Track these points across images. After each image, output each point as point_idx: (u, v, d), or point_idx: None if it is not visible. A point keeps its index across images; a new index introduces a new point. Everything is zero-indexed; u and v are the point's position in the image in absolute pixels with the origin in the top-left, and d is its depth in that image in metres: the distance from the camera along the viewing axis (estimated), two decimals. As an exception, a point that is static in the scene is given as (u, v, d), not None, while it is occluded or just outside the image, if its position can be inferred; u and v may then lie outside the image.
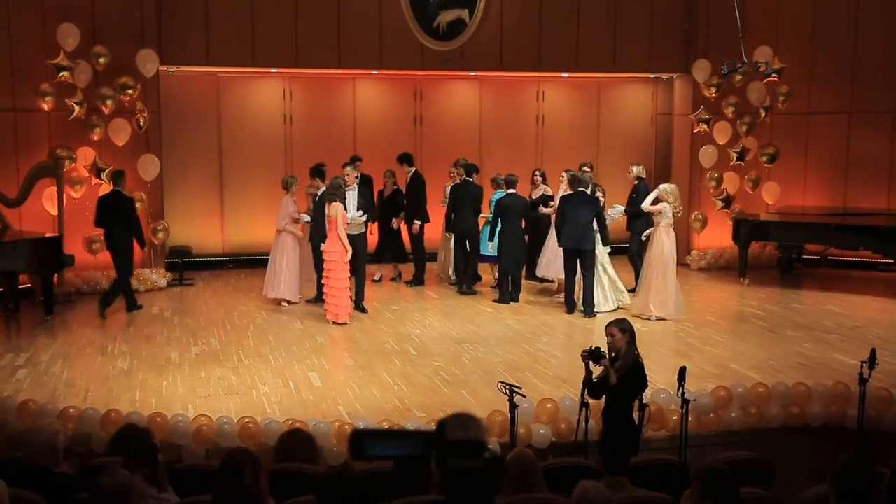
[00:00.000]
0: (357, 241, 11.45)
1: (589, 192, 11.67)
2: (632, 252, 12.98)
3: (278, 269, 12.18)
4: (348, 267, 11.22)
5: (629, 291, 12.09)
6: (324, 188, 11.79)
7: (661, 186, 11.68)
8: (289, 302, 12.22)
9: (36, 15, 12.58)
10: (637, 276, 12.31)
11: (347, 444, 2.48)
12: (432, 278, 13.96)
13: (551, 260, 12.54)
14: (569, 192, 11.91)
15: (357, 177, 12.17)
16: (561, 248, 11.78)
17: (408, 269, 13.86)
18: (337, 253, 11.11)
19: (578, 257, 11.54)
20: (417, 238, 13.51)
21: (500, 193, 12.57)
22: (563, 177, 12.48)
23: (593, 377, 6.66)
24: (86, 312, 11.94)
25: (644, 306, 11.44)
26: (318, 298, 11.90)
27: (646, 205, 11.68)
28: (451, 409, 7.97)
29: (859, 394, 7.43)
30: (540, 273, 12.95)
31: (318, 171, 12.34)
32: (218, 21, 13.48)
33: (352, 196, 11.76)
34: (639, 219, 12.56)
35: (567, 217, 11.50)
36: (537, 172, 13.50)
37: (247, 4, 13.57)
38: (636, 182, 12.94)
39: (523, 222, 12.50)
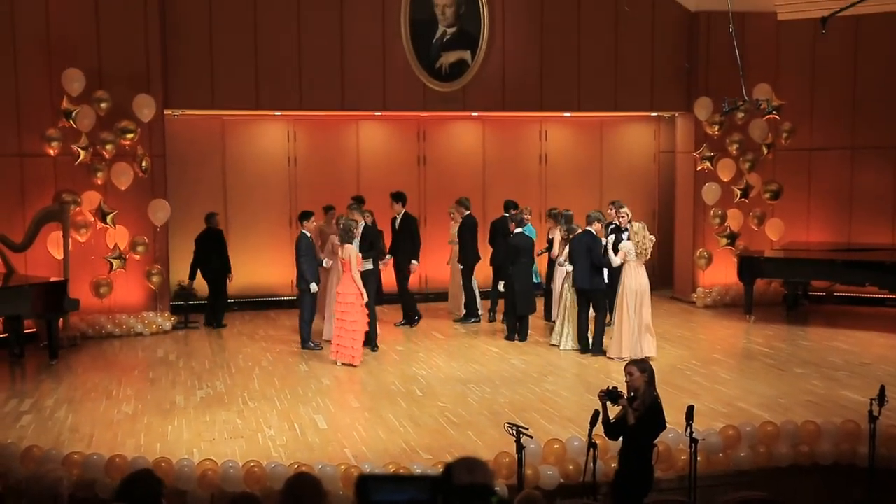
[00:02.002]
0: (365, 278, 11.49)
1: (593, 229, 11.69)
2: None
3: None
4: (365, 310, 11.25)
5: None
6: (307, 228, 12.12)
7: (632, 224, 11.53)
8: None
9: (42, 60, 12.71)
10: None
11: (354, 490, 2.46)
12: (427, 316, 14.01)
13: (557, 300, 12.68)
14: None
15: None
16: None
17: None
18: (352, 295, 11.13)
19: (588, 298, 11.54)
20: (406, 278, 13.48)
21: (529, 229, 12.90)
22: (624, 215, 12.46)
23: (610, 417, 6.60)
24: (91, 357, 11.93)
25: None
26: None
27: (616, 260, 11.35)
28: (457, 451, 7.93)
29: (869, 431, 7.36)
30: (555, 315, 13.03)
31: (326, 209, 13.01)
32: (222, 65, 13.60)
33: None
34: None
35: (576, 257, 11.53)
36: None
37: (251, 48, 13.70)
38: (628, 225, 12.65)
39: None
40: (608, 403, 6.49)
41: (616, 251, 11.43)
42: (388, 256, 12.96)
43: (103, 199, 12.84)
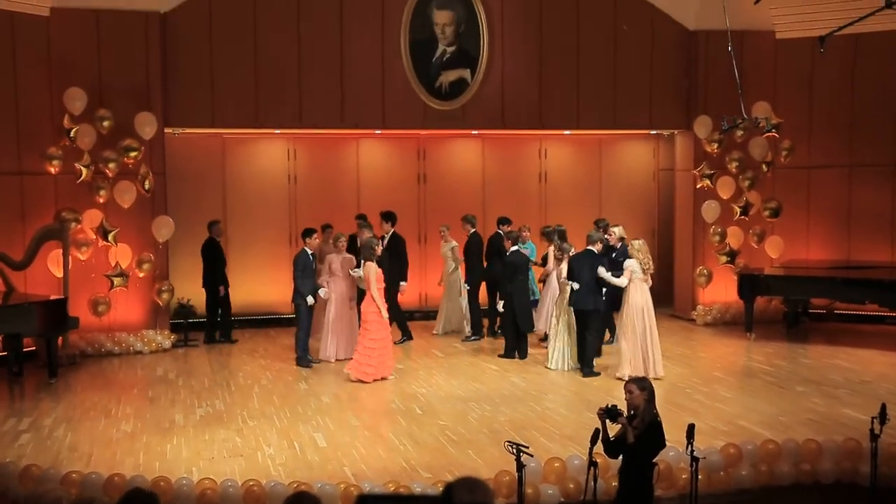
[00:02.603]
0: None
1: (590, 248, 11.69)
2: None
3: None
4: (386, 326, 11.26)
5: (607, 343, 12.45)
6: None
7: (632, 243, 11.43)
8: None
9: (43, 79, 12.76)
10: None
11: (353, 510, 2.46)
12: (428, 334, 14.05)
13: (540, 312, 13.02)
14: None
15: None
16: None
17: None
18: (373, 313, 11.13)
19: (587, 319, 11.54)
20: (395, 297, 13.40)
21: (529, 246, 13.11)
22: (612, 233, 12.57)
23: (610, 435, 6.57)
24: (90, 375, 11.91)
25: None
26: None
27: (622, 281, 11.21)
28: (457, 470, 7.90)
29: (871, 450, 7.33)
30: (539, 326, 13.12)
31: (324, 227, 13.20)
32: (222, 83, 13.65)
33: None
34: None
35: (576, 278, 11.52)
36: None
37: (251, 66, 13.75)
38: (618, 244, 12.46)
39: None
40: (608, 422, 6.46)
41: (615, 273, 11.37)
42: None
43: (105, 217, 12.85)
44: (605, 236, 12.36)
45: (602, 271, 11.38)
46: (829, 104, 15.15)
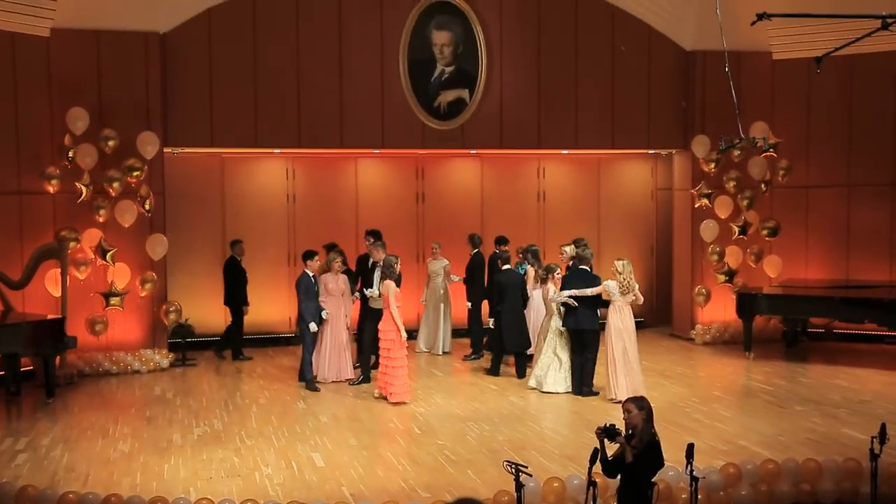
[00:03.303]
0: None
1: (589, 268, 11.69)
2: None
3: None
4: (405, 346, 11.26)
5: None
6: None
7: (615, 263, 11.37)
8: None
9: (42, 98, 12.79)
10: None
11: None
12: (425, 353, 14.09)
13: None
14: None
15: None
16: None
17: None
18: (391, 332, 11.13)
19: (580, 337, 11.51)
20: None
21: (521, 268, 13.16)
22: (563, 252, 12.55)
23: (608, 455, 6.54)
24: (88, 395, 11.88)
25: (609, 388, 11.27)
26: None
27: (589, 291, 11.25)
28: (456, 490, 7.87)
29: (871, 469, 7.30)
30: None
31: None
32: (221, 103, 13.68)
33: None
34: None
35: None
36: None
37: (250, 86, 13.79)
38: (569, 263, 12.27)
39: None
40: (606, 441, 6.44)
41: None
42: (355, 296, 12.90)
43: (104, 237, 12.85)
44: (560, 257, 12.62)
45: (567, 293, 11.31)
46: (827, 124, 15.20)
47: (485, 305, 13.73)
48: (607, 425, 6.40)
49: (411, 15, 14.27)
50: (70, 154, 12.59)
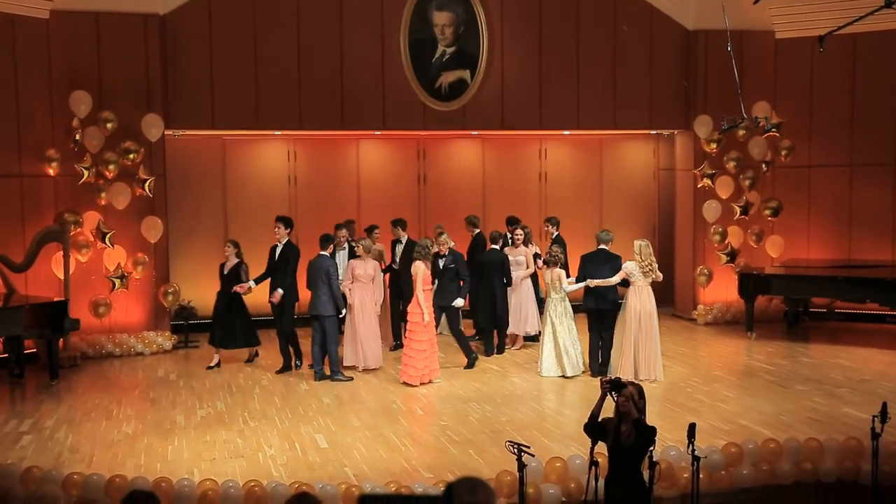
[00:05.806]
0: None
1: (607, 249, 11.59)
2: None
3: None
4: (430, 329, 11.19)
5: None
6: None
7: (634, 244, 11.30)
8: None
9: (43, 82, 12.76)
10: None
11: (355, 510, 2.46)
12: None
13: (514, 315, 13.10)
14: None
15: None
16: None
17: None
18: (417, 314, 11.12)
19: (600, 317, 11.46)
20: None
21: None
22: (547, 227, 13.01)
23: (599, 418, 6.47)
24: (91, 377, 11.92)
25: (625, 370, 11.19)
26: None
27: (614, 279, 11.21)
28: (458, 470, 7.90)
29: (872, 448, 7.33)
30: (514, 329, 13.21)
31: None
32: (222, 85, 13.65)
33: (342, 256, 12.53)
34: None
35: (588, 276, 11.40)
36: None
37: (251, 68, 13.75)
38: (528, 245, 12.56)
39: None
40: (612, 395, 6.39)
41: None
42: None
43: (103, 220, 12.85)
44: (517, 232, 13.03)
45: (593, 282, 11.28)
46: (830, 103, 15.15)
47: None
48: (614, 377, 6.45)
49: (412, -4, 14.22)
50: (77, 137, 12.58)
